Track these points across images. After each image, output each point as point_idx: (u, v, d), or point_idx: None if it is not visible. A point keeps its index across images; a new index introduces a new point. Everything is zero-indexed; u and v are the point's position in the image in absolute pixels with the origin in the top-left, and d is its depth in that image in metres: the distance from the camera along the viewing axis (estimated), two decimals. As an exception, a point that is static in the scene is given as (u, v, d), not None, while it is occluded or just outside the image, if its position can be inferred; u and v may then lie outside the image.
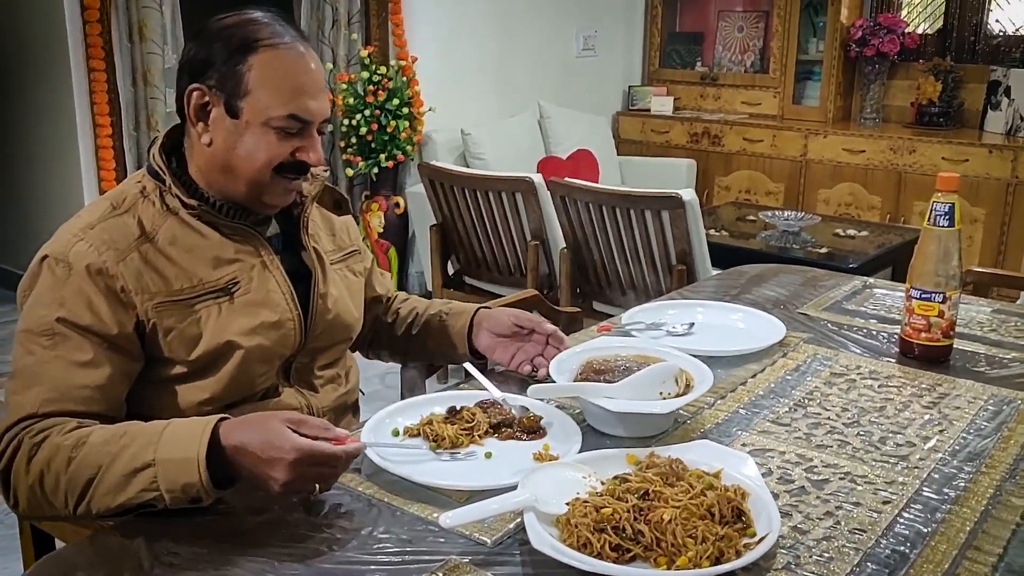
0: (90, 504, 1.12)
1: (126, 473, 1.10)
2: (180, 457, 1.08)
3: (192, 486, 1.08)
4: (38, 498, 1.15)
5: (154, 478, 1.09)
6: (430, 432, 1.27)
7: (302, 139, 1.31)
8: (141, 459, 1.10)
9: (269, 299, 1.34)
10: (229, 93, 1.28)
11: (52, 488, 1.13)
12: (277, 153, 1.30)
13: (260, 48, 1.28)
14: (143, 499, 1.09)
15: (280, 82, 1.28)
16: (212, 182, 1.33)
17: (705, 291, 2.04)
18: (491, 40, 5.00)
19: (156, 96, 4.03)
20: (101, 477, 1.11)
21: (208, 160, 1.32)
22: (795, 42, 5.36)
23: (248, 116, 1.28)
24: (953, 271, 1.55)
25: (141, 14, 3.92)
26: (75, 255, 1.23)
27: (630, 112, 5.86)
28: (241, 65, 1.27)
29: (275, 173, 1.31)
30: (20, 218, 4.53)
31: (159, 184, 1.32)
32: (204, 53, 1.29)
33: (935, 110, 4.97)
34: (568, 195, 3.25)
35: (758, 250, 3.56)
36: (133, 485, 1.09)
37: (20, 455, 1.15)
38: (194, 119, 1.31)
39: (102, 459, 1.11)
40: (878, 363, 1.59)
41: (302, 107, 1.29)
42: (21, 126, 4.35)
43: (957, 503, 1.14)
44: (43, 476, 1.13)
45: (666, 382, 1.33)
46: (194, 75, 1.30)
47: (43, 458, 1.14)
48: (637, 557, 0.99)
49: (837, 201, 5.01)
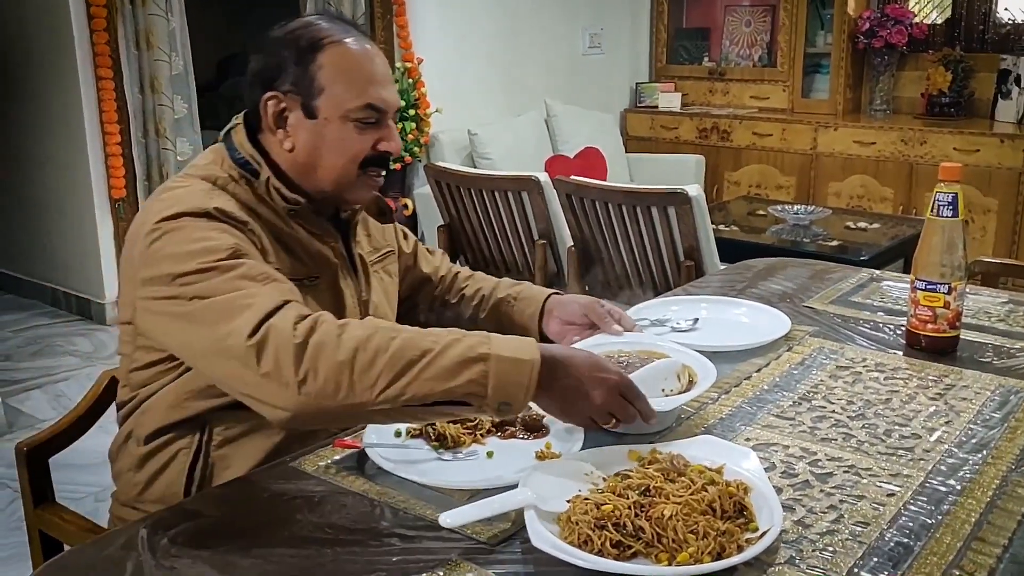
0: (407, 387, 1.08)
1: (460, 360, 1.08)
2: (515, 356, 1.10)
3: (518, 388, 1.09)
4: (343, 377, 1.07)
5: (486, 372, 1.09)
6: (432, 432, 1.27)
7: (380, 129, 1.34)
8: (476, 351, 1.09)
9: (343, 304, 1.38)
10: (304, 95, 1.30)
11: (365, 366, 1.07)
12: (360, 147, 1.33)
13: (327, 45, 1.30)
14: (463, 392, 1.08)
15: (352, 75, 1.31)
16: (298, 181, 1.35)
17: (711, 286, 2.03)
18: (497, 40, 5.00)
19: (164, 103, 4.06)
20: (430, 361, 1.08)
21: (291, 164, 1.34)
22: (803, 35, 5.35)
23: (326, 113, 1.31)
24: (958, 261, 1.53)
25: (148, 21, 3.95)
26: (216, 205, 1.23)
27: (638, 109, 5.85)
28: (312, 64, 1.30)
29: (360, 170, 1.34)
30: (30, 225, 4.56)
31: (247, 175, 1.32)
32: (273, 61, 1.31)
33: (945, 100, 4.95)
34: (574, 193, 3.25)
35: (769, 244, 3.55)
36: (463, 375, 1.08)
37: (325, 332, 1.10)
38: (273, 127, 1.33)
39: (429, 345, 1.10)
40: (884, 355, 1.58)
41: (376, 96, 1.32)
42: (30, 134, 4.38)
43: (963, 494, 1.13)
44: (358, 352, 1.08)
45: (668, 378, 1.33)
46: (266, 84, 1.32)
47: (359, 335, 1.09)
48: (638, 554, 0.99)
49: (848, 194, 4.99)
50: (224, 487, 1.23)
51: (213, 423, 1.30)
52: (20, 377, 3.70)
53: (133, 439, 1.34)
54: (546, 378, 1.12)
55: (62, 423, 1.45)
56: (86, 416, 1.47)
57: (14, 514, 2.63)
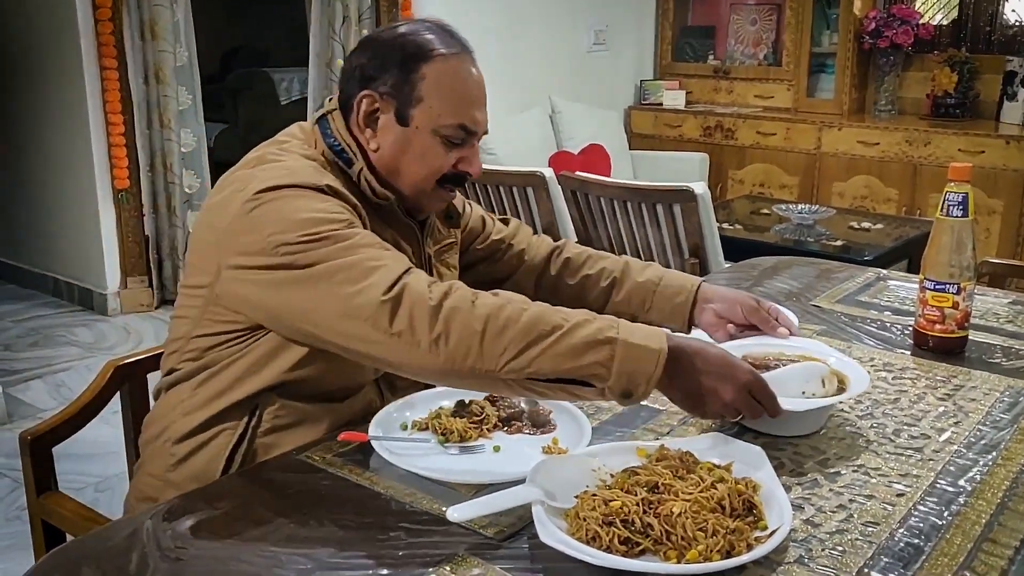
0: (534, 359, 1.08)
1: (588, 341, 1.09)
2: (643, 344, 1.10)
3: (642, 376, 1.09)
4: (474, 342, 1.08)
5: (611, 355, 1.08)
6: (438, 426, 1.27)
7: (464, 149, 1.34)
8: (605, 333, 1.09)
9: None
10: (401, 101, 1.31)
11: (496, 333, 1.08)
12: (442, 163, 1.33)
13: (434, 57, 1.30)
14: (586, 373, 1.09)
15: (452, 91, 1.31)
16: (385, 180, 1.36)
17: (718, 284, 2.02)
18: (502, 36, 4.99)
19: (168, 94, 4.05)
20: (558, 338, 1.09)
21: (375, 163, 1.34)
22: (808, 35, 5.33)
23: (418, 123, 1.31)
24: (967, 262, 1.53)
25: (152, 12, 3.94)
26: (328, 183, 1.23)
27: (642, 106, 5.84)
28: (415, 73, 1.30)
29: (437, 184, 1.35)
30: (33, 215, 4.55)
31: (340, 162, 1.33)
32: (377, 61, 1.31)
33: (951, 101, 4.93)
34: (579, 189, 3.24)
35: (772, 243, 3.54)
36: (589, 355, 1.08)
37: (459, 297, 1.11)
38: (362, 125, 1.33)
39: (559, 321, 1.10)
40: (892, 355, 1.57)
41: (470, 117, 1.33)
42: (34, 124, 4.37)
43: (973, 495, 1.12)
44: (489, 320, 1.09)
45: (811, 382, 1.29)
46: (365, 82, 1.32)
47: (493, 303, 1.10)
48: (647, 551, 0.98)
49: (852, 194, 4.98)
50: (230, 480, 1.22)
51: (265, 409, 1.29)
52: (20, 367, 3.69)
53: (179, 410, 1.31)
54: (672, 369, 1.12)
55: (66, 413, 1.44)
56: (89, 407, 1.46)
57: (14, 503, 2.62)
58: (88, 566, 0.99)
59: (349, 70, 1.35)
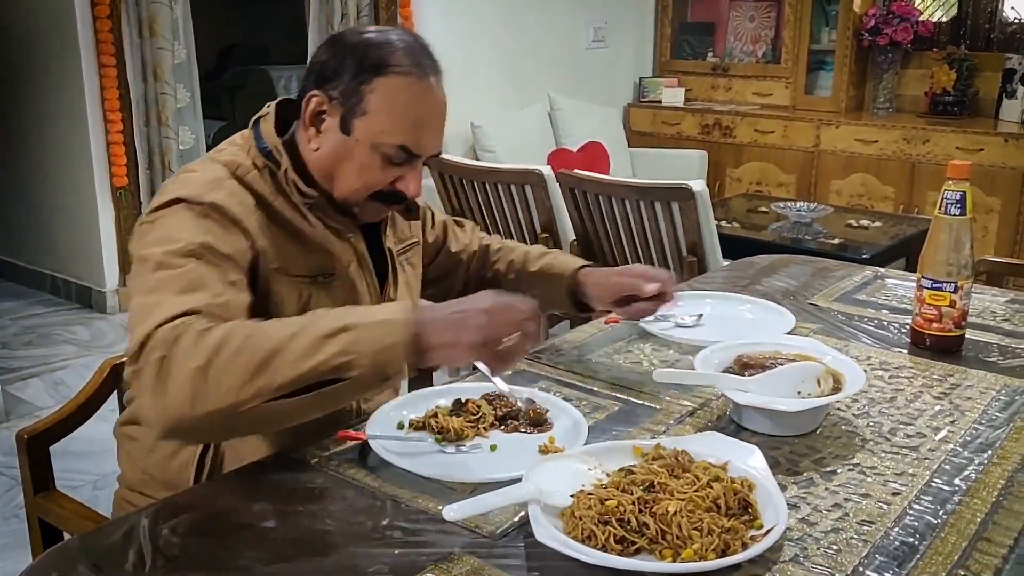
0: (271, 377, 1.04)
1: (323, 335, 1.06)
2: (380, 319, 1.09)
3: (391, 350, 1.07)
4: (203, 383, 1.03)
5: (352, 340, 1.06)
6: (435, 425, 1.27)
7: (403, 169, 1.31)
8: (340, 322, 1.08)
9: (359, 298, 1.36)
10: (347, 109, 1.28)
11: (224, 365, 1.04)
12: (376, 180, 1.31)
13: (390, 72, 1.27)
14: (333, 364, 1.05)
15: (399, 111, 1.28)
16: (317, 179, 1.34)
17: (715, 282, 2.03)
18: (501, 32, 4.99)
19: (167, 92, 4.05)
20: (288, 345, 1.05)
21: (313, 163, 1.33)
22: (807, 32, 5.33)
23: (359, 135, 1.28)
24: (965, 260, 1.53)
25: (151, 10, 3.93)
26: (212, 200, 1.23)
27: (641, 104, 5.84)
28: (366, 84, 1.26)
29: (370, 198, 1.33)
30: (31, 213, 4.55)
31: (270, 164, 1.32)
32: (335, 63, 1.29)
33: (949, 99, 4.93)
34: (577, 187, 3.24)
35: (770, 241, 3.54)
36: (327, 347, 1.05)
37: (185, 341, 1.06)
38: (307, 123, 1.31)
39: (288, 330, 1.07)
40: (889, 353, 1.57)
41: (414, 140, 1.29)
42: (33, 122, 4.36)
43: (968, 494, 1.12)
44: (216, 354, 1.04)
45: (806, 381, 1.30)
46: (319, 81, 1.29)
47: (217, 337, 1.06)
48: (642, 550, 0.98)
49: (850, 192, 4.98)
50: (226, 478, 1.23)
51: None
52: (18, 365, 3.69)
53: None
54: (423, 330, 1.08)
55: (63, 411, 1.44)
56: (87, 404, 1.47)
57: (10, 502, 2.62)
58: (85, 564, 0.99)
59: (311, 65, 1.33)
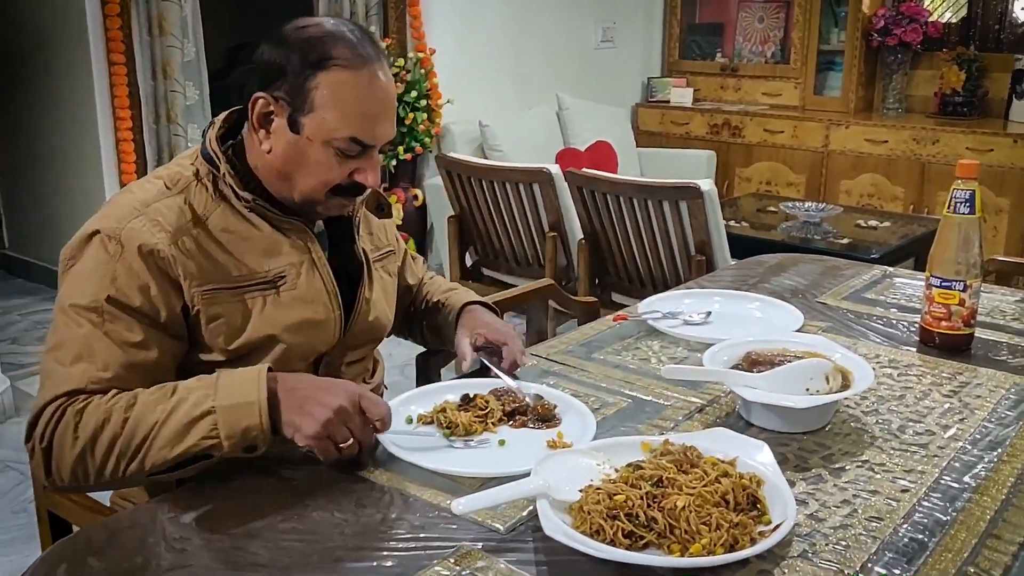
0: (144, 462, 1.12)
1: (186, 422, 1.11)
2: (240, 401, 1.11)
3: (252, 430, 1.11)
4: (85, 465, 1.14)
5: (214, 424, 1.10)
6: (444, 419, 1.27)
7: (360, 161, 1.29)
8: (200, 408, 1.11)
9: (315, 297, 1.33)
10: (294, 108, 1.25)
11: (103, 452, 1.13)
12: (334, 175, 1.28)
13: (332, 67, 1.24)
14: (201, 447, 1.11)
15: (347, 105, 1.25)
16: (269, 182, 1.32)
17: (723, 280, 2.02)
18: (509, 32, 4.99)
19: (176, 89, 4.05)
20: (158, 431, 1.11)
21: (267, 165, 1.30)
22: (816, 32, 5.32)
23: (309, 133, 1.26)
24: (974, 259, 1.52)
25: (160, 8, 3.94)
26: (128, 234, 1.21)
27: (649, 104, 5.83)
28: (310, 81, 1.24)
29: (330, 193, 1.30)
30: (42, 211, 4.57)
31: (213, 170, 1.30)
32: (278, 62, 1.26)
33: (959, 99, 4.91)
34: (585, 186, 3.24)
35: (779, 241, 3.54)
36: (192, 434, 1.11)
37: (64, 426, 1.14)
38: (256, 125, 1.28)
39: (158, 415, 1.12)
40: (898, 352, 1.57)
41: (366, 131, 1.27)
42: (42, 120, 4.38)
43: (977, 491, 1.12)
44: (95, 440, 1.13)
45: (815, 378, 1.30)
46: (263, 82, 1.27)
47: (92, 423, 1.13)
48: (650, 544, 0.98)
49: (859, 192, 4.96)
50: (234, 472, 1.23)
51: None
52: (27, 361, 3.70)
53: None
54: (277, 410, 1.13)
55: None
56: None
57: (19, 496, 2.64)
58: (94, 556, 1.00)
59: (253, 66, 1.29)
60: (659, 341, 1.63)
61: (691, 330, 1.65)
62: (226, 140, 1.33)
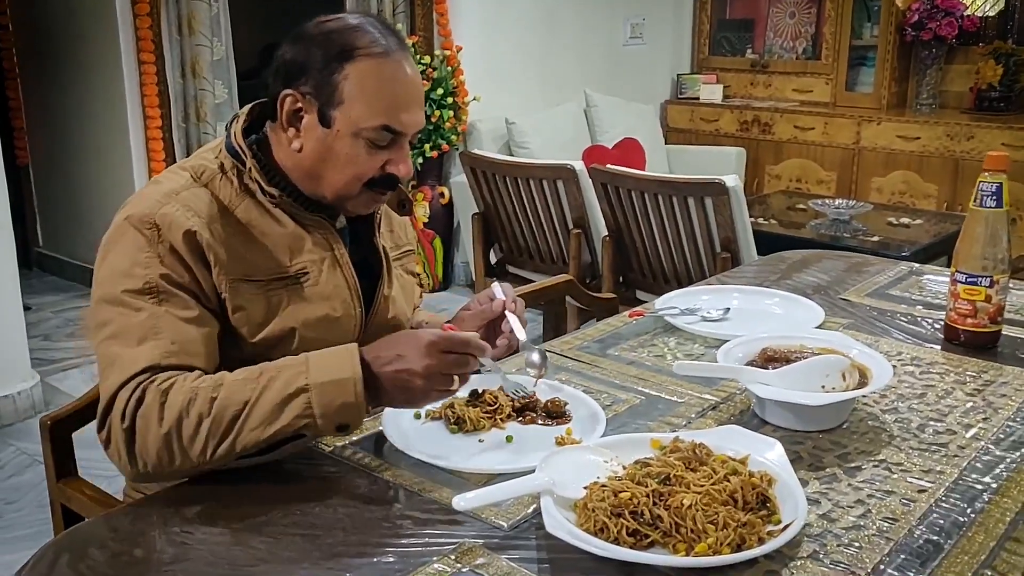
0: (235, 442, 1.10)
1: (278, 402, 1.10)
2: (335, 379, 1.10)
3: (348, 407, 1.10)
4: (172, 448, 1.11)
5: (308, 403, 1.09)
6: (452, 415, 1.26)
7: (392, 151, 1.28)
8: (294, 385, 1.10)
9: (336, 293, 1.33)
10: (323, 102, 1.25)
11: (191, 433, 1.10)
12: (366, 168, 1.28)
13: (358, 57, 1.24)
14: (295, 426, 1.10)
15: (375, 93, 1.24)
16: (297, 180, 1.31)
17: (744, 276, 1.99)
18: (537, 28, 4.96)
19: (205, 88, 4.08)
20: (250, 411, 1.10)
21: (297, 163, 1.30)
22: (848, 27, 5.24)
23: (340, 126, 1.25)
24: (1001, 254, 1.48)
25: (190, 7, 3.97)
26: (163, 218, 1.21)
27: (679, 100, 5.78)
28: (337, 73, 1.24)
29: (364, 187, 1.30)
30: (72, 209, 4.62)
31: (238, 164, 1.30)
32: (301, 58, 1.26)
33: (995, 95, 4.82)
34: (610, 182, 3.21)
35: (808, 239, 3.49)
36: (287, 412, 1.09)
37: (148, 406, 1.12)
38: (286, 124, 1.28)
39: (248, 394, 1.11)
40: (921, 349, 1.53)
41: (395, 119, 1.26)
42: (73, 118, 4.43)
43: (998, 492, 1.08)
44: (181, 421, 1.10)
45: (831, 375, 1.27)
46: (289, 80, 1.26)
47: (179, 402, 1.11)
48: (655, 543, 0.96)
49: (891, 189, 4.88)
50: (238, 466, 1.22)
51: None
52: (58, 356, 3.75)
53: None
54: (374, 378, 1.12)
55: (86, 398, 1.45)
56: (111, 392, 1.47)
57: (46, 491, 2.66)
58: (96, 548, 1.00)
59: (276, 65, 1.29)
60: (675, 337, 1.60)
61: (709, 326, 1.62)
62: (248, 134, 1.33)
